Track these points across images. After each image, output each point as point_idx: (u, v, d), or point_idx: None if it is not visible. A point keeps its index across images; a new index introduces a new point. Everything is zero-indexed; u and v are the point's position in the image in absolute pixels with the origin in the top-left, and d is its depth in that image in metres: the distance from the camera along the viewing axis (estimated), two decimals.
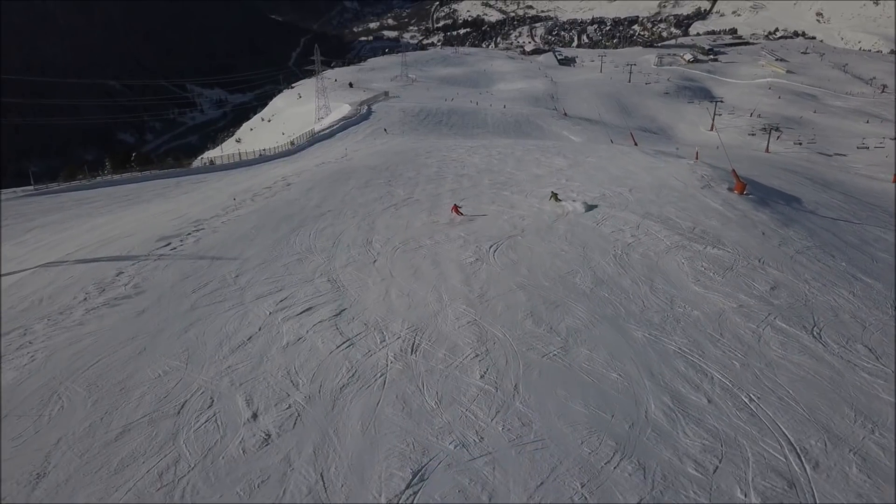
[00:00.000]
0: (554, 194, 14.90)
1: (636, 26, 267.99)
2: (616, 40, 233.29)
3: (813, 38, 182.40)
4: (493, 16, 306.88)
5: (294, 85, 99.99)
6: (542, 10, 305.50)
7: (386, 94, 72.56)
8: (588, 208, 13.73)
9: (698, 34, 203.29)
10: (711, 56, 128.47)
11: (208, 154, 67.19)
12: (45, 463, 5.61)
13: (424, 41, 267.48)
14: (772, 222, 12.47)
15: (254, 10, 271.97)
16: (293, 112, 74.11)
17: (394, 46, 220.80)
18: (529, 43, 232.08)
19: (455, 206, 14.56)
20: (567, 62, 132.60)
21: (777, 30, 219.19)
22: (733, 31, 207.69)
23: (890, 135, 63.00)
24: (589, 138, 47.18)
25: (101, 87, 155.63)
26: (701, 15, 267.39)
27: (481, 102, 69.88)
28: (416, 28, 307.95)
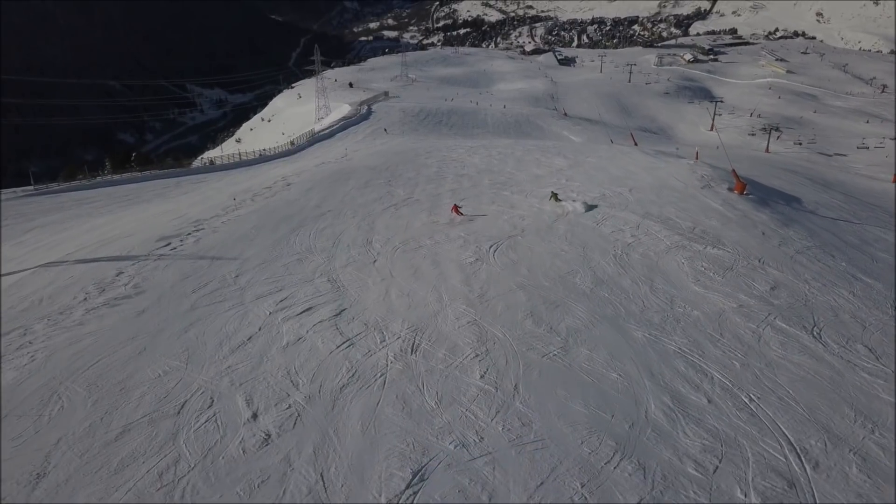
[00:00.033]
0: (554, 194, 14.90)
1: (636, 26, 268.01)
2: (616, 40, 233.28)
3: (813, 38, 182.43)
4: (493, 16, 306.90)
5: (294, 85, 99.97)
6: (542, 10, 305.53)
7: (386, 94, 72.57)
8: (588, 208, 13.73)
9: (698, 34, 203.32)
10: (711, 56, 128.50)
11: (208, 154, 67.19)
12: (45, 463, 5.61)
13: (424, 41, 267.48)
14: (772, 222, 12.48)
15: (254, 10, 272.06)
16: (293, 112, 74.10)
17: (394, 46, 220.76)
18: (529, 43, 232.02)
19: (455, 206, 14.57)
20: (567, 62, 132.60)
21: (777, 30, 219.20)
22: (733, 31, 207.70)
23: (890, 135, 63.00)
24: (589, 138, 47.18)
25: (101, 88, 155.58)
26: (701, 15, 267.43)
27: (481, 102, 69.87)
28: (416, 28, 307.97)
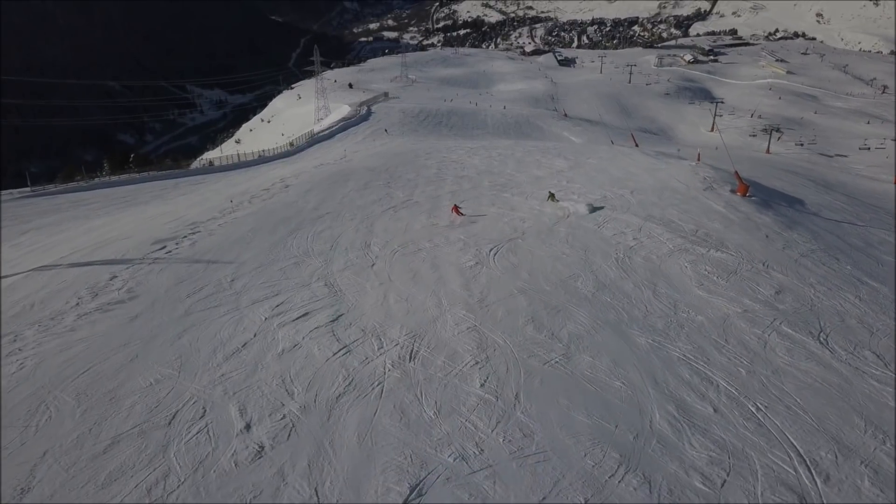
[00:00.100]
0: (551, 194, 14.76)
1: (636, 27, 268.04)
2: (616, 41, 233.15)
3: (813, 38, 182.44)
4: (493, 16, 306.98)
5: (294, 86, 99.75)
6: (542, 11, 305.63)
7: (385, 94, 72.42)
8: (593, 209, 13.56)
9: (698, 35, 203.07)
10: (711, 57, 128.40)
11: (207, 155, 67.01)
12: (29, 477, 5.43)
13: (424, 42, 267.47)
14: (775, 225, 12.32)
15: (254, 10, 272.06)
16: (293, 113, 73.90)
17: (394, 47, 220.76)
18: (529, 44, 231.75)
19: (455, 207, 14.42)
20: (567, 63, 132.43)
21: (777, 30, 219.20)
22: (733, 32, 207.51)
23: (890, 136, 62.87)
24: (589, 139, 47.04)
25: (100, 88, 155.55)
26: (701, 16, 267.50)
27: (481, 103, 69.68)
28: (415, 29, 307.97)
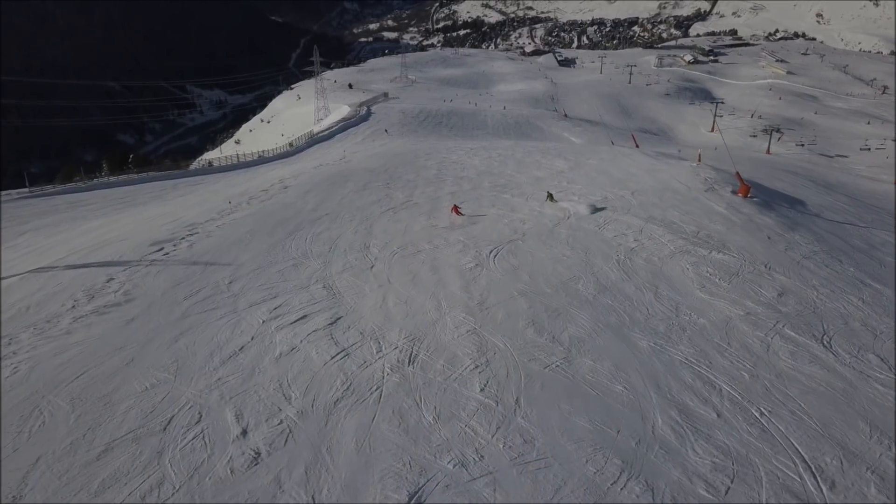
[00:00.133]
0: (549, 194, 14.68)
1: (636, 27, 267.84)
2: (616, 41, 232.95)
3: (813, 39, 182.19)
4: (492, 17, 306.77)
5: (293, 86, 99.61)
6: (541, 12, 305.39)
7: (385, 95, 72.33)
8: (593, 211, 13.47)
9: (698, 35, 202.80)
10: (711, 57, 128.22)
11: (207, 155, 66.88)
12: (21, 485, 5.34)
13: (424, 42, 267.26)
14: (777, 226, 12.24)
15: (254, 10, 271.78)
16: (292, 113, 73.79)
17: (393, 47, 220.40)
18: (529, 44, 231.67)
19: (455, 207, 14.33)
20: (567, 63, 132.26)
21: (777, 31, 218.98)
22: (733, 33, 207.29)
23: (891, 136, 62.77)
24: (590, 140, 46.95)
25: (100, 88, 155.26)
26: (701, 16, 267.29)
27: (481, 104, 69.57)
28: (415, 29, 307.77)
